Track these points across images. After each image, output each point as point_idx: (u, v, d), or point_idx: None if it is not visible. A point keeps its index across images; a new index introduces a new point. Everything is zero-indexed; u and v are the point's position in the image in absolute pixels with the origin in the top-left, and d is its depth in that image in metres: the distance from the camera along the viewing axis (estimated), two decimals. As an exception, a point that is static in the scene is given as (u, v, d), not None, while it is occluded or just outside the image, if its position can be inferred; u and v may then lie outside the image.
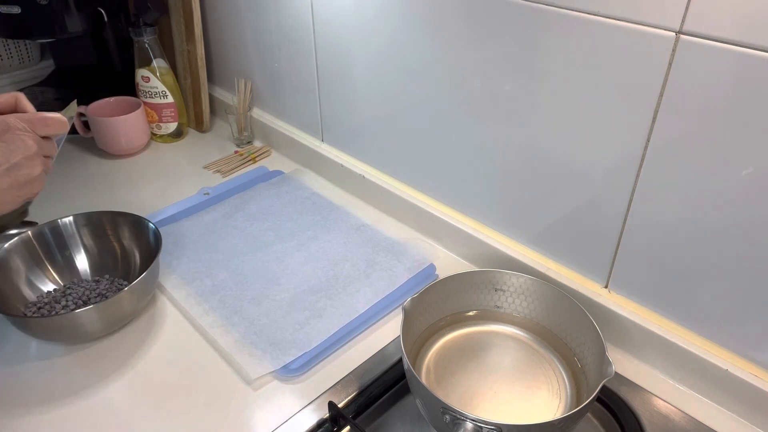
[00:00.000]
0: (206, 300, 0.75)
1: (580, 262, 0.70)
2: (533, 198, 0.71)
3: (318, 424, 0.60)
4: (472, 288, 0.69)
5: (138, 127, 1.07)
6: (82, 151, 1.09)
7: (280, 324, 0.71)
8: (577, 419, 0.55)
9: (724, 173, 0.53)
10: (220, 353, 0.68)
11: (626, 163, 0.60)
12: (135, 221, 0.77)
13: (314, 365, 0.67)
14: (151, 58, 1.05)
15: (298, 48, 0.93)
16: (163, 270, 0.79)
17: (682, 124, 0.54)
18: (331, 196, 0.96)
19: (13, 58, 1.29)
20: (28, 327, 0.66)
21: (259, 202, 0.94)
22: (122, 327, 0.71)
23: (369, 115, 0.88)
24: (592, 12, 0.56)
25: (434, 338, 0.68)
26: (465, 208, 0.81)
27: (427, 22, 0.71)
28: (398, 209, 0.89)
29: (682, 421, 0.60)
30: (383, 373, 0.65)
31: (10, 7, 0.99)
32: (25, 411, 0.62)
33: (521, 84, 0.65)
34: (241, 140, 1.11)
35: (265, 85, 1.07)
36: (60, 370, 0.66)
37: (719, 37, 0.49)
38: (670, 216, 0.59)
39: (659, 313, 0.65)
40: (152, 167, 1.06)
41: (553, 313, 0.67)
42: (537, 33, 0.61)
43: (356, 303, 0.74)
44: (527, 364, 0.65)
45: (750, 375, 0.58)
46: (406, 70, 0.78)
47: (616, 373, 0.63)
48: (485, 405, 0.61)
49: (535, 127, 0.66)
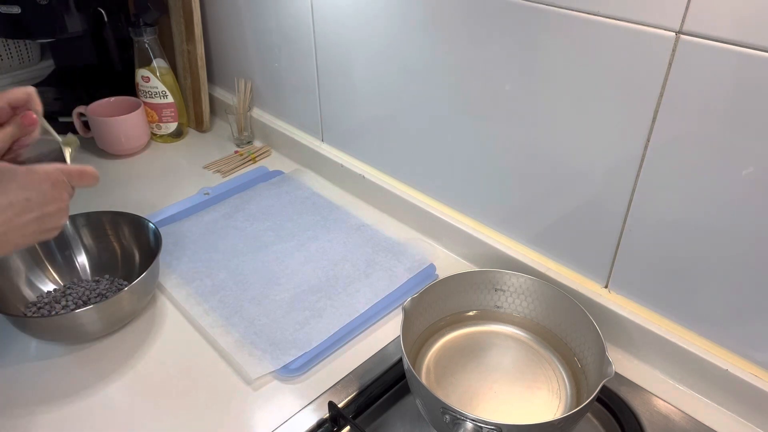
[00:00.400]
0: (206, 300, 0.75)
1: (580, 262, 0.70)
2: (533, 198, 0.71)
3: (318, 424, 0.60)
4: (472, 288, 0.69)
5: (138, 127, 1.07)
6: (82, 151, 1.09)
7: (280, 324, 0.71)
8: (577, 419, 0.55)
9: (724, 173, 0.53)
10: (220, 353, 0.68)
11: (626, 163, 0.60)
12: (135, 221, 0.77)
13: (314, 365, 0.67)
14: (151, 58, 1.05)
15: (298, 48, 0.93)
16: (163, 270, 0.79)
17: (682, 124, 0.54)
18: (331, 196, 0.96)
19: (13, 58, 1.29)
20: (28, 327, 0.66)
21: (259, 202, 0.94)
22: (122, 327, 0.71)
23: (369, 115, 0.88)
24: (592, 12, 0.56)
25: (434, 338, 0.68)
26: (465, 208, 0.81)
27: (427, 22, 0.71)
28: (398, 209, 0.89)
29: (682, 421, 0.60)
30: (383, 373, 0.65)
31: (10, 7, 0.99)
32: (25, 411, 0.62)
33: (521, 84, 0.65)
34: (241, 140, 1.11)
35: (265, 85, 1.07)
36: (60, 370, 0.66)
37: (719, 37, 0.49)
38: (670, 216, 0.59)
39: (659, 313, 0.65)
40: (152, 167, 1.06)
41: (553, 313, 0.67)
42: (537, 33, 0.61)
43: (356, 303, 0.74)
44: (527, 364, 0.65)
45: (750, 375, 0.58)
46: (406, 70, 0.78)
47: (616, 373, 0.63)
48: (485, 405, 0.61)
49: (535, 126, 0.66)
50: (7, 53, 1.28)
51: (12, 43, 1.28)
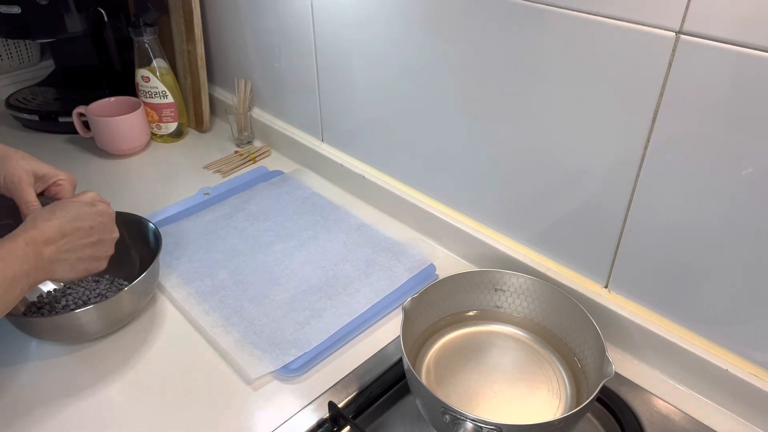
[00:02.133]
0: (206, 300, 0.75)
1: (580, 262, 0.70)
2: (533, 198, 0.71)
3: (318, 424, 0.60)
4: (472, 288, 0.69)
5: (138, 127, 1.07)
6: (82, 151, 1.09)
7: (280, 324, 0.71)
8: (577, 419, 0.55)
9: (724, 173, 0.53)
10: (220, 353, 0.68)
11: (626, 163, 0.60)
12: (135, 221, 0.77)
13: (314, 365, 0.67)
14: (151, 58, 1.05)
15: (298, 48, 0.93)
16: (163, 270, 0.79)
17: (682, 124, 0.54)
18: (331, 196, 0.96)
19: (13, 58, 1.29)
20: (28, 327, 0.66)
21: (259, 202, 0.94)
22: (122, 327, 0.71)
23: (369, 115, 0.88)
24: (592, 12, 0.56)
25: (434, 338, 0.68)
26: (465, 208, 0.81)
27: (427, 22, 0.71)
28: (398, 209, 0.89)
29: (682, 421, 0.60)
30: (383, 373, 0.65)
31: (10, 7, 0.99)
32: (25, 411, 0.62)
33: (521, 84, 0.65)
34: (241, 140, 1.11)
35: (265, 85, 1.07)
36: (60, 370, 0.66)
37: (719, 37, 0.49)
38: (670, 216, 0.59)
39: (659, 313, 0.65)
40: (152, 167, 1.06)
41: (553, 313, 0.67)
42: (537, 33, 0.61)
43: (356, 303, 0.74)
44: (527, 364, 0.65)
45: (750, 375, 0.58)
46: (406, 70, 0.78)
47: (616, 373, 0.63)
48: (485, 405, 0.61)
49: (536, 126, 0.66)
50: (7, 53, 1.28)
51: (12, 43, 1.28)
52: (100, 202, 0.65)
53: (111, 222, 0.65)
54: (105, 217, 0.64)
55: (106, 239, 0.64)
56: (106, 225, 0.64)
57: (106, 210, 0.65)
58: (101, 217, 0.63)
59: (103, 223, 0.63)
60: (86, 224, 0.61)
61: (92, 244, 0.62)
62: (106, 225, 0.64)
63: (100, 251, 0.63)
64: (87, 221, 0.61)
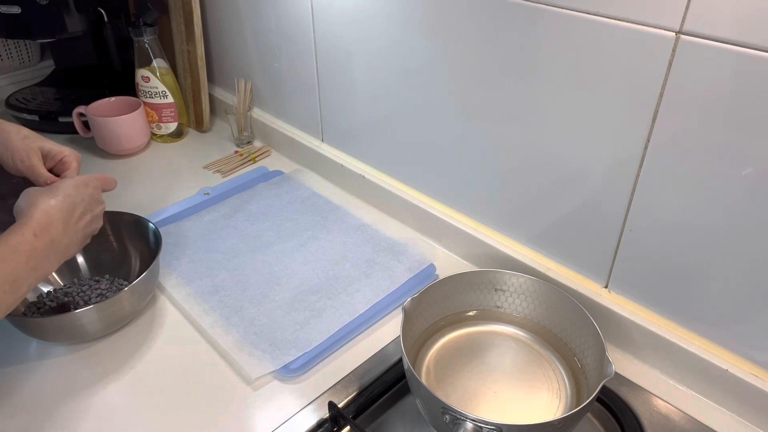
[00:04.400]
0: (206, 300, 0.75)
1: (580, 262, 0.70)
2: (533, 198, 0.71)
3: (318, 424, 0.60)
4: (472, 288, 0.69)
5: (138, 127, 1.07)
6: (82, 151, 1.07)
7: (280, 324, 0.71)
8: (577, 419, 0.55)
9: (724, 173, 0.53)
10: (220, 353, 0.68)
11: (626, 163, 0.60)
12: (135, 221, 0.77)
13: (314, 365, 0.67)
14: (151, 58, 1.05)
15: (298, 48, 0.93)
16: (163, 270, 0.79)
17: (682, 124, 0.54)
18: (331, 196, 0.96)
19: (13, 58, 1.29)
20: (28, 327, 0.66)
21: (259, 202, 0.94)
22: (122, 327, 0.71)
23: (369, 115, 0.88)
24: (592, 12, 0.56)
25: (434, 338, 0.68)
26: (465, 208, 0.81)
27: (427, 23, 0.71)
28: (398, 209, 0.89)
29: (682, 421, 0.60)
30: (383, 373, 0.65)
31: (10, 7, 0.99)
32: (25, 411, 0.62)
33: (521, 84, 0.65)
34: (241, 140, 1.11)
35: (265, 85, 1.07)
36: (60, 370, 0.66)
37: (719, 37, 0.49)
38: (670, 216, 0.59)
39: (659, 313, 0.65)
40: (152, 167, 1.06)
41: (553, 313, 0.67)
42: (537, 33, 0.61)
43: (356, 303, 0.74)
44: (527, 364, 0.65)
45: (750, 375, 0.58)
46: (406, 71, 0.78)
47: (616, 373, 0.63)
48: (485, 405, 0.61)
49: (535, 126, 0.66)
50: (7, 53, 1.28)
51: (12, 43, 1.28)
52: (97, 188, 0.66)
53: (98, 192, 0.66)
54: (90, 188, 0.65)
55: (98, 213, 0.65)
56: (94, 196, 0.65)
57: (90, 180, 0.66)
58: (86, 189, 0.64)
59: (91, 196, 0.64)
60: (83, 198, 0.63)
61: (90, 220, 0.64)
62: (94, 196, 0.65)
63: (94, 226, 0.65)
64: (80, 195, 0.63)
